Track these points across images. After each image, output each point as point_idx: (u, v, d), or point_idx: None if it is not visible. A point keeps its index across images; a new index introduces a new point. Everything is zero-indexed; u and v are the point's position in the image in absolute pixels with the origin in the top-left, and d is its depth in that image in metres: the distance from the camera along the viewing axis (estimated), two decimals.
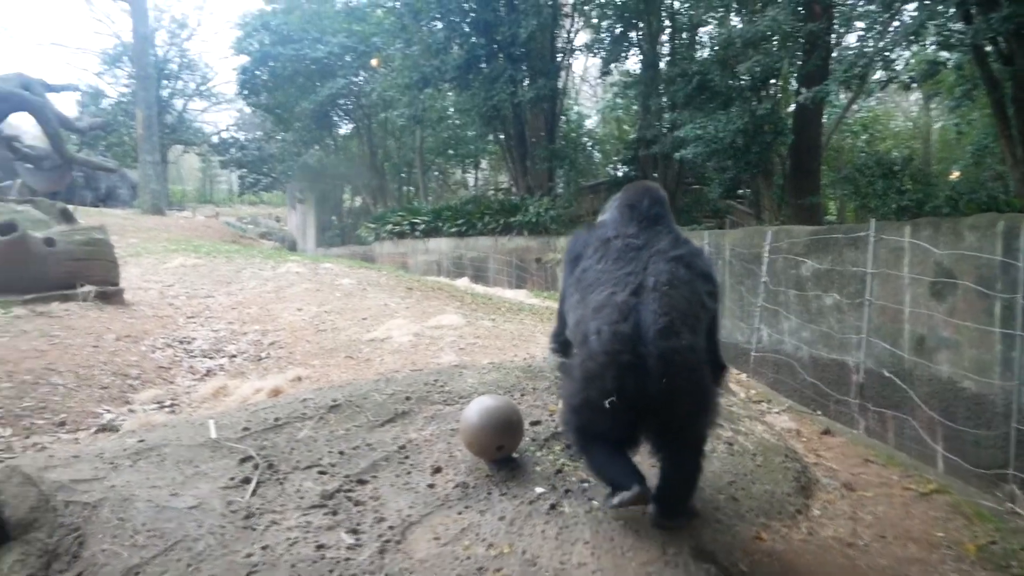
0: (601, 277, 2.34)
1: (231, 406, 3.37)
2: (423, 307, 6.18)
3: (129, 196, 28.70)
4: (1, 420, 3.31)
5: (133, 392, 3.97)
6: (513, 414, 2.57)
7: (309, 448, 2.58)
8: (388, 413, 2.86)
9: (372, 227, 19.71)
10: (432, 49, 16.69)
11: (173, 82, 34.27)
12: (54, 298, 5.59)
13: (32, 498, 2.26)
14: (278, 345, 4.96)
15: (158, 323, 5.66)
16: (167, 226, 17.27)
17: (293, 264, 9.06)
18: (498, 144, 19.38)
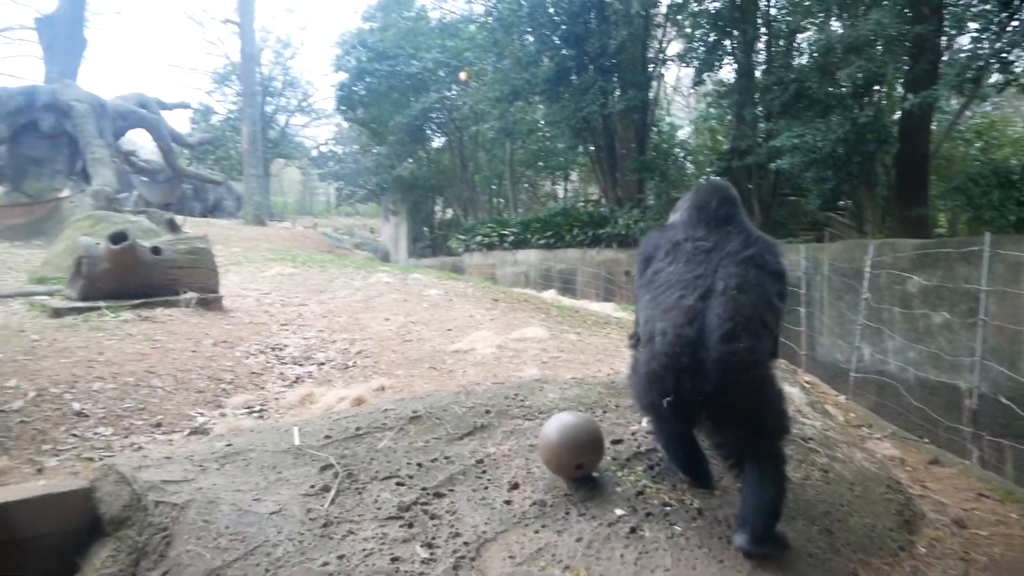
0: (671, 279, 2.38)
1: (315, 413, 3.43)
2: (508, 319, 6.15)
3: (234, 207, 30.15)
4: (103, 420, 3.47)
5: (226, 396, 4.10)
6: (594, 432, 2.49)
7: (388, 459, 2.58)
8: (467, 426, 2.84)
9: (462, 238, 19.96)
10: (523, 62, 16.81)
11: (277, 99, 35.92)
12: (159, 304, 5.88)
13: (125, 497, 2.35)
14: (364, 354, 5.03)
15: (253, 330, 5.86)
16: (268, 236, 17.99)
17: (383, 274, 9.22)
18: (588, 156, 19.30)
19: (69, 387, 3.74)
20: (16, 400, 3.45)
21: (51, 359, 4.15)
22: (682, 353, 2.16)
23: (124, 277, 5.86)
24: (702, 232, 2.48)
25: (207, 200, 30.02)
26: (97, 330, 4.94)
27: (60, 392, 3.65)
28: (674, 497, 2.41)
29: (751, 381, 2.16)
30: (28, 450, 3.02)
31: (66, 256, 7.90)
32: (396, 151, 25.68)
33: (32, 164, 14.14)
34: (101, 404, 3.62)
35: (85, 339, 4.67)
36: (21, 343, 4.43)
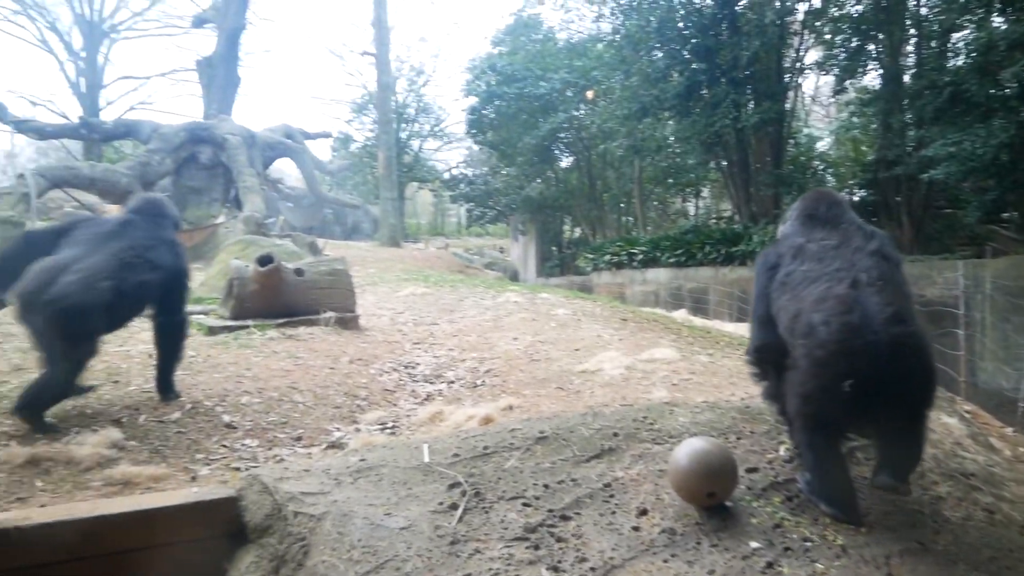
0: (810, 275, 2.50)
1: (445, 431, 3.49)
2: (637, 339, 6.06)
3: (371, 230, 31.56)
4: (250, 432, 3.70)
5: (361, 412, 4.27)
6: (727, 459, 2.39)
7: (515, 479, 2.58)
8: (594, 448, 2.80)
9: (590, 257, 19.90)
10: (651, 78, 16.63)
11: (411, 125, 37.39)
12: (301, 323, 6.23)
13: (268, 506, 2.48)
14: (493, 373, 5.09)
15: (387, 348, 6.08)
16: (402, 257, 18.70)
17: (512, 294, 9.32)
18: (719, 171, 18.79)
19: (220, 400, 4.01)
20: (174, 412, 3.75)
21: (205, 374, 4.48)
22: (852, 338, 2.23)
23: (270, 297, 6.25)
24: (821, 233, 2.63)
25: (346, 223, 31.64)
26: (245, 347, 5.29)
27: (212, 405, 3.92)
28: (815, 532, 2.27)
29: (923, 359, 2.28)
30: (184, 458, 3.26)
31: (220, 278, 8.55)
32: (525, 172, 26.05)
33: (192, 193, 15.45)
34: (248, 417, 3.86)
35: (235, 355, 5.01)
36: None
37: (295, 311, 6.34)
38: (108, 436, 3.22)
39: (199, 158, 15.27)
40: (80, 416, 3.56)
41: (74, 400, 3.74)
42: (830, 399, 2.26)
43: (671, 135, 20.88)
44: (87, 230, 3.76)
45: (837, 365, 2.23)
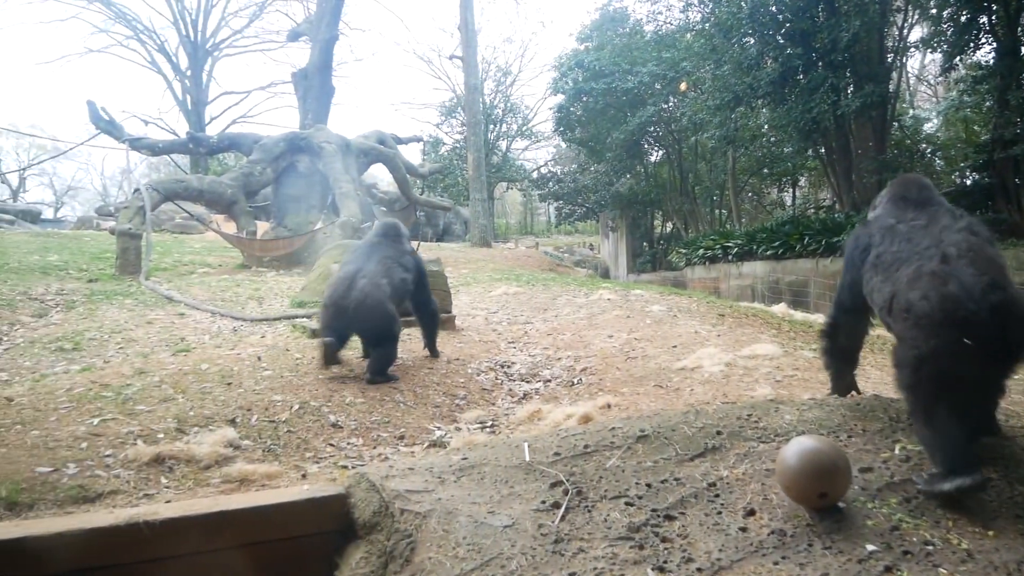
0: (900, 256, 2.60)
1: (544, 430, 3.50)
2: (736, 335, 5.91)
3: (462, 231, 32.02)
4: (355, 431, 3.82)
5: (460, 412, 4.34)
6: (838, 458, 2.30)
7: (616, 478, 2.57)
8: (697, 447, 2.75)
9: (683, 252, 19.55)
10: (744, 66, 16.17)
11: (498, 125, 37.76)
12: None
13: (375, 504, 2.56)
14: (589, 371, 5.08)
15: (483, 347, 6.16)
16: (493, 257, 18.90)
17: (605, 291, 9.27)
18: (818, 159, 18.08)
19: (326, 401, 4.17)
20: (284, 412, 3.91)
21: (311, 375, 4.66)
22: (954, 308, 2.27)
23: None
24: (911, 214, 2.74)
25: (438, 225, 32.24)
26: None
27: (319, 405, 4.07)
28: (937, 535, 2.15)
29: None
30: (294, 457, 3.40)
31: (320, 282, 8.85)
32: (614, 168, 25.82)
33: (292, 201, 16.03)
34: (353, 417, 3.99)
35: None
36: (287, 361, 5.02)
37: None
38: (225, 435, 3.39)
39: (297, 167, 15.84)
40: (198, 416, 3.76)
41: (191, 401, 3.97)
42: (937, 371, 2.29)
43: (766, 124, 20.25)
44: (356, 251, 5.39)
45: (941, 337, 2.27)
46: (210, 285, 10.62)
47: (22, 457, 3.08)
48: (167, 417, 3.70)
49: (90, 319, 7.72)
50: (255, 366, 4.84)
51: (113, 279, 11.08)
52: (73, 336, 6.82)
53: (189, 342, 6.50)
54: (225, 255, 15.97)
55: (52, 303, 8.82)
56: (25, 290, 9.07)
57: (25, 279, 10.07)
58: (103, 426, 3.53)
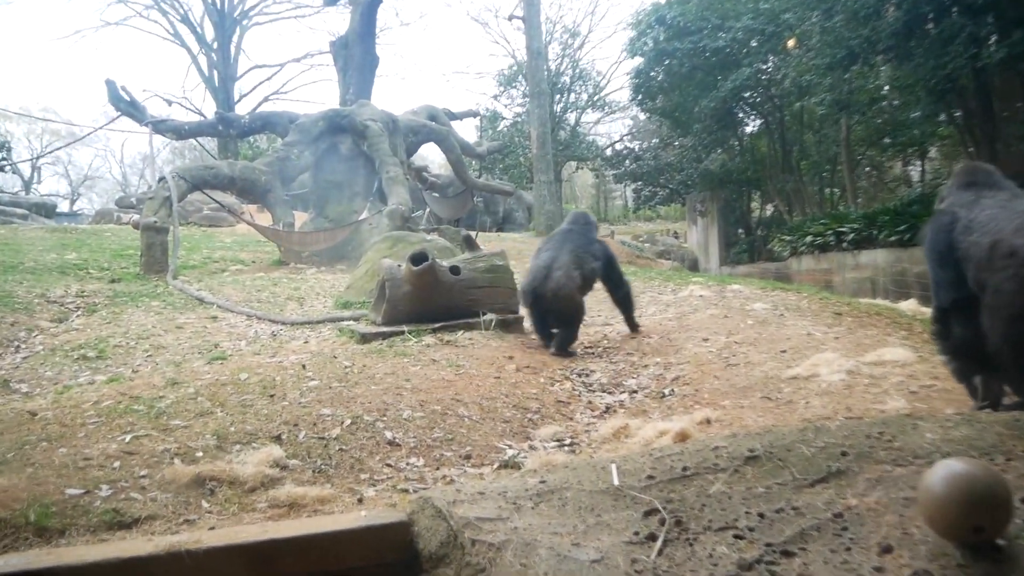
0: (996, 217, 3.13)
1: (633, 449, 3.50)
2: (857, 337, 5.77)
3: (524, 219, 32.12)
4: (415, 449, 3.88)
5: (533, 427, 4.36)
6: (996, 484, 2.22)
7: (722, 506, 2.54)
8: (818, 471, 2.70)
9: (786, 239, 19.17)
10: (859, 16, 15.73)
11: (565, 95, 37.71)
12: (459, 327, 6.45)
13: (442, 533, 2.59)
14: (682, 381, 5.05)
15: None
16: None
17: (696, 286, 9.19)
18: (952, 125, 17.47)
19: (381, 415, 4.24)
20: (334, 427, 4.00)
21: (362, 386, 4.75)
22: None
23: (424, 299, 6.52)
24: (988, 193, 3.33)
25: (497, 213, 32.43)
26: (402, 355, 5.56)
27: (373, 420, 4.15)
28: None
29: None
30: (348, 478, 3.48)
31: (367, 279, 9.03)
32: (702, 141, 25.48)
33: (333, 188, 16.35)
34: (411, 433, 4.05)
35: (392, 365, 5.28)
36: (335, 369, 5.13)
37: (452, 313, 6.58)
38: (270, 454, 3.49)
39: (339, 149, 16.13)
40: (239, 432, 3.88)
41: (231, 415, 4.10)
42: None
43: (887, 84, 19.67)
44: (550, 240, 7.00)
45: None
46: (244, 284, 10.93)
47: (50, 478, 3.23)
48: (205, 433, 3.82)
49: (114, 324, 8.05)
50: (299, 375, 4.96)
51: (138, 279, 11.53)
52: (97, 343, 7.11)
53: (224, 349, 6.71)
54: (259, 250, 16.42)
55: (72, 306, 9.23)
56: (43, 292, 9.51)
57: (42, 280, 10.55)
58: (136, 443, 3.67)
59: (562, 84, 37.69)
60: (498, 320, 6.61)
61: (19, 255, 12.92)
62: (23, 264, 11.84)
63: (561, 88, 37.49)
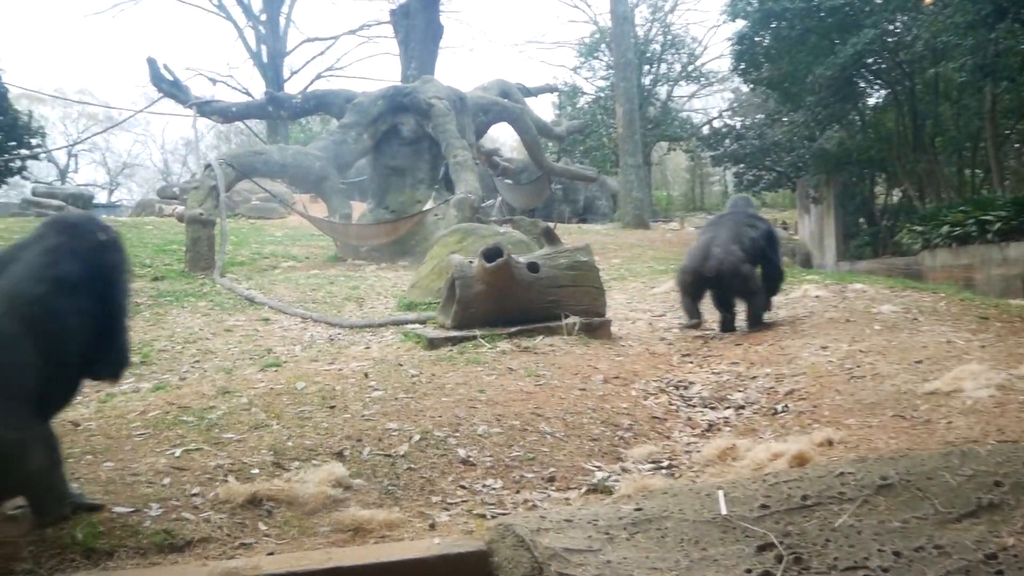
0: None
1: (742, 474, 3.46)
2: (1007, 346, 5.59)
3: (608, 207, 32.01)
4: (491, 470, 3.91)
5: (625, 446, 4.35)
6: None
7: (850, 542, 2.50)
8: (966, 503, 2.63)
9: (918, 230, 18.65)
10: None
11: (656, 66, 37.38)
12: (538, 331, 6.46)
13: (525, 565, 2.60)
14: (797, 395, 4.97)
15: (649, 362, 6.15)
16: (652, 241, 18.77)
17: (811, 286, 9.04)
18: None
19: (453, 430, 4.28)
20: (401, 444, 4.06)
21: (431, 397, 4.80)
22: None
23: (499, 300, 6.55)
24: None
25: (577, 201, 32.39)
26: (475, 363, 5.60)
27: (444, 436, 4.19)
28: None
29: None
30: (418, 501, 3.52)
31: (434, 277, 9.12)
32: (816, 116, 24.94)
33: (394, 175, 16.53)
34: (488, 451, 4.08)
35: (464, 374, 5.32)
36: (400, 379, 5.20)
37: (530, 316, 6.59)
38: (332, 472, 3.55)
39: (400, 131, 16.28)
40: (297, 447, 3.97)
41: (288, 429, 4.20)
42: None
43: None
44: (712, 223, 8.07)
45: None
46: (297, 283, 11.17)
47: (97, 494, 3.35)
48: (261, 448, 3.92)
49: (158, 326, 8.31)
50: (362, 385, 5.04)
51: (182, 276, 11.88)
52: (140, 347, 7.35)
53: (278, 354, 6.87)
54: (313, 244, 16.74)
55: None
56: None
57: None
58: (187, 458, 3.79)
59: (652, 53, 37.34)
60: (582, 323, 6.59)
61: None
62: None
63: (651, 58, 37.15)
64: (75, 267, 3.13)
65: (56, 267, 3.09)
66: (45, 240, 3.20)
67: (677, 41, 38.12)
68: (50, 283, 3.03)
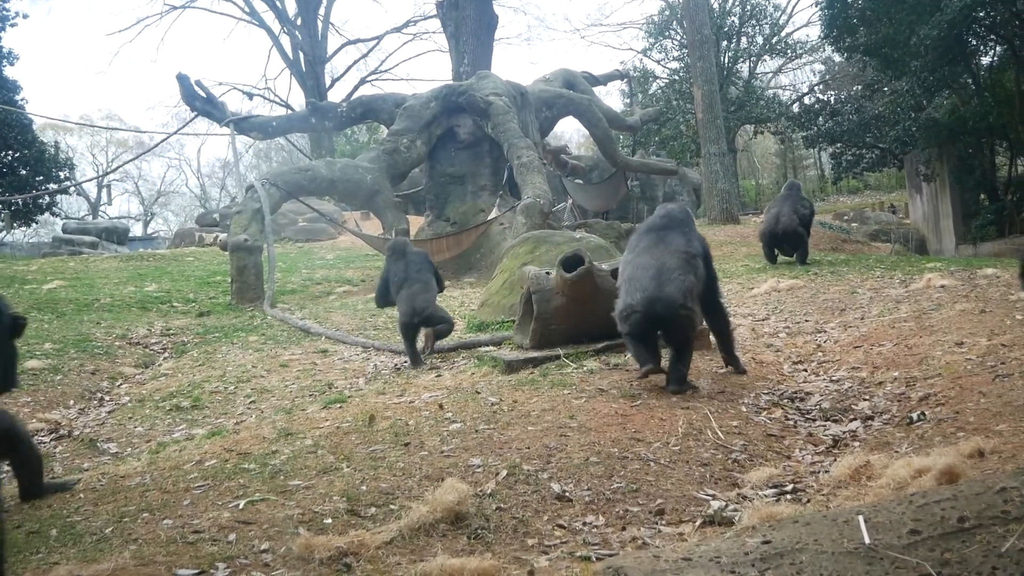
0: None
1: (882, 495, 3.35)
2: None
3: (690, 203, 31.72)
4: (590, 505, 3.84)
5: (740, 470, 4.25)
6: None
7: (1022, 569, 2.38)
8: None
9: None
10: None
11: (735, 41, 37.08)
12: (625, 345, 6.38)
13: None
14: (934, 400, 4.83)
15: (757, 371, 6.04)
16: (744, 237, 18.55)
17: (933, 275, 8.83)
18: None
19: (543, 462, 4.23)
20: (488, 481, 4.02)
21: (516, 427, 4.76)
22: None
23: (582, 313, 6.50)
24: None
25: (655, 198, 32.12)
26: (560, 386, 5.55)
27: (534, 470, 4.14)
28: None
29: None
30: (511, 545, 3.47)
31: (505, 293, 9.10)
32: (923, 83, 24.46)
33: (452, 183, 16.61)
34: (585, 484, 4.02)
35: (549, 398, 5.28)
36: (479, 408, 5.18)
37: (615, 330, 6.51)
38: (413, 517, 3.52)
39: (457, 134, 16.34)
40: (372, 491, 3.96)
41: (360, 471, 4.19)
42: None
43: None
44: (777, 200, 12.96)
45: None
46: (355, 309, 11.27)
47: (158, 555, 3.37)
48: (332, 494, 3.92)
49: (208, 365, 8.45)
50: (437, 417, 5.03)
51: (230, 309, 12.08)
52: (190, 390, 7.48)
53: (341, 389, 6.92)
54: (368, 266, 16.90)
55: (158, 347, 9.77)
56: (123, 332, 10.10)
57: (122, 318, 11.21)
58: (252, 510, 3.80)
59: (730, 27, 37.04)
60: None
61: (93, 290, 13.78)
62: (98, 301, 12.61)
63: (729, 32, 36.86)
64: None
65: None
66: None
67: (757, 11, 37.74)
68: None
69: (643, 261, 5.60)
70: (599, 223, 16.51)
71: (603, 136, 18.55)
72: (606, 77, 23.93)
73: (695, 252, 5.69)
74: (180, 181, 63.67)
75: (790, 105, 38.02)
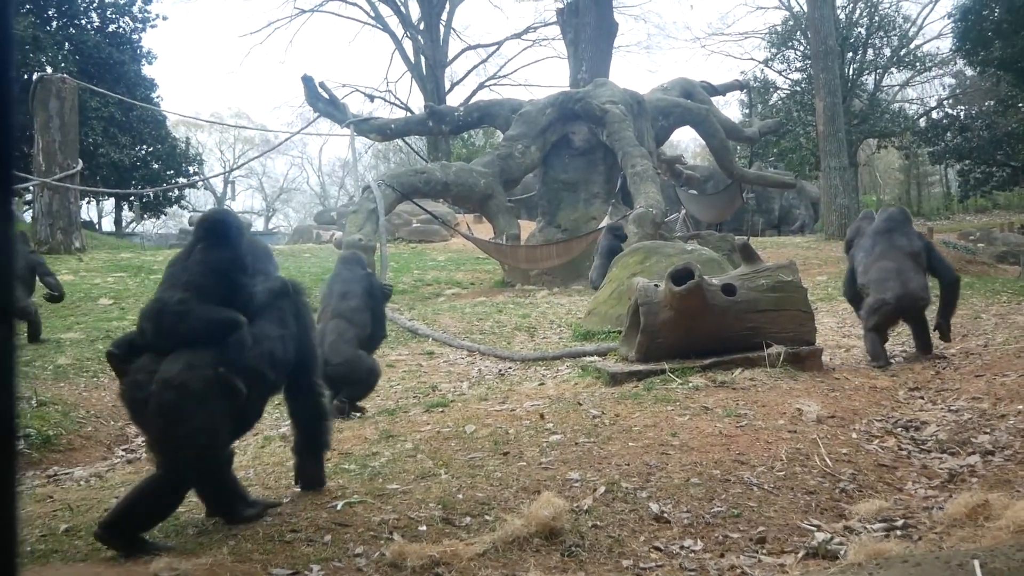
0: None
1: (1000, 537, 3.18)
2: None
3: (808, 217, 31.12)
4: (689, 528, 3.74)
5: (848, 501, 4.09)
6: None
7: None
8: None
9: None
10: None
11: (861, 52, 36.19)
12: (736, 363, 6.25)
13: None
14: None
15: (869, 398, 5.83)
16: None
17: None
18: None
19: (643, 481, 4.15)
20: (585, 497, 3.95)
21: (616, 442, 4.69)
22: None
23: (690, 328, 6.38)
24: None
25: (772, 211, 31.65)
26: (664, 402, 5.45)
27: (633, 488, 4.06)
28: None
29: None
30: (606, 565, 3.40)
31: (613, 303, 9.03)
32: None
33: (565, 190, 16.59)
34: (684, 506, 3.92)
35: (652, 414, 5.19)
36: (580, 421, 5.12)
37: (726, 346, 6.40)
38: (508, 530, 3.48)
39: (572, 141, 16.33)
40: (468, 500, 3.92)
41: (458, 479, 4.17)
42: None
43: None
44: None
45: None
46: (463, 312, 11.30)
47: (255, 553, 3.40)
48: (428, 501, 3.90)
49: None
50: (537, 428, 4.99)
51: None
52: None
53: (444, 392, 6.93)
54: (478, 269, 17.00)
55: None
56: None
57: None
58: (349, 512, 3.81)
59: (856, 38, 36.16)
60: (788, 353, 6.32)
61: None
62: None
63: (855, 43, 35.98)
64: None
65: None
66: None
67: (886, 22, 36.75)
68: None
69: (884, 264, 6.99)
70: (712, 235, 16.25)
71: (720, 147, 18.31)
72: (725, 87, 23.64)
73: (918, 249, 7.11)
74: (302, 179, 65.28)
75: (916, 119, 36.98)
